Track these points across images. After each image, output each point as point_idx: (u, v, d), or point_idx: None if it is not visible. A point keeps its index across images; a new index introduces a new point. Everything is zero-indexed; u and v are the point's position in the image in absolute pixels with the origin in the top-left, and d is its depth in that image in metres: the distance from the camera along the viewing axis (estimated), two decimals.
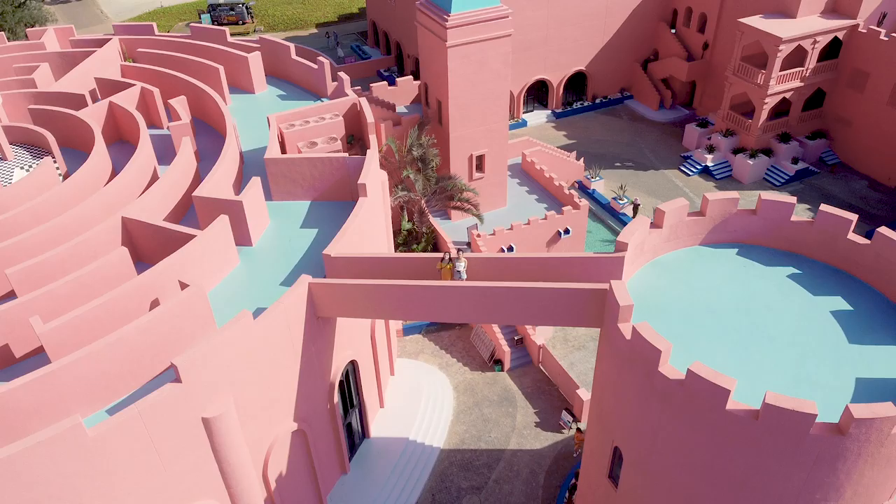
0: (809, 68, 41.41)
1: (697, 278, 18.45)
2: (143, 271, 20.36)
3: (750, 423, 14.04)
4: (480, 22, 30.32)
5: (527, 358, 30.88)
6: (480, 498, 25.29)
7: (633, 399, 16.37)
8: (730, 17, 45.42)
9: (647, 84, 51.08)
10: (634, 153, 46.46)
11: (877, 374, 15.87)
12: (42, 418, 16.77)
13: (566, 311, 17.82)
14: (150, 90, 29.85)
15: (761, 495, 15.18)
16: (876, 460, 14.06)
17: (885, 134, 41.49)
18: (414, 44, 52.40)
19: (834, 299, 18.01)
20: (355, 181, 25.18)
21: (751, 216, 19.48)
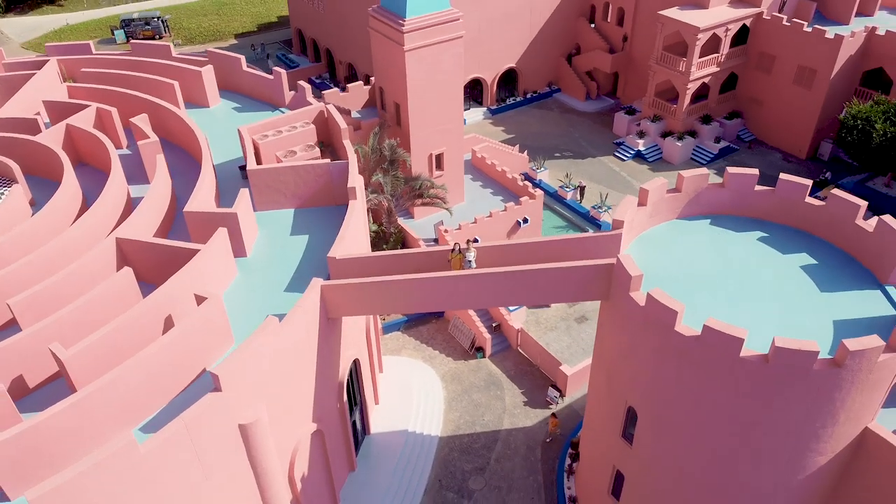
0: (724, 54, 45.05)
1: (681, 248, 20.37)
2: (143, 290, 20.50)
3: (761, 366, 15.98)
4: (434, 25, 31.52)
5: (505, 343, 32.38)
6: (485, 477, 26.56)
7: (649, 360, 18.08)
8: (646, 11, 48.60)
9: (573, 77, 53.77)
10: (570, 143, 48.92)
11: (848, 316, 18.22)
12: (82, 442, 16.73)
13: (575, 288, 19.34)
14: (107, 110, 29.25)
15: (769, 432, 17.22)
16: (865, 387, 16.32)
17: (792, 110, 45.66)
18: (347, 50, 53.08)
19: (800, 256, 20.37)
20: (338, 186, 25.88)
21: (720, 189, 21.65)
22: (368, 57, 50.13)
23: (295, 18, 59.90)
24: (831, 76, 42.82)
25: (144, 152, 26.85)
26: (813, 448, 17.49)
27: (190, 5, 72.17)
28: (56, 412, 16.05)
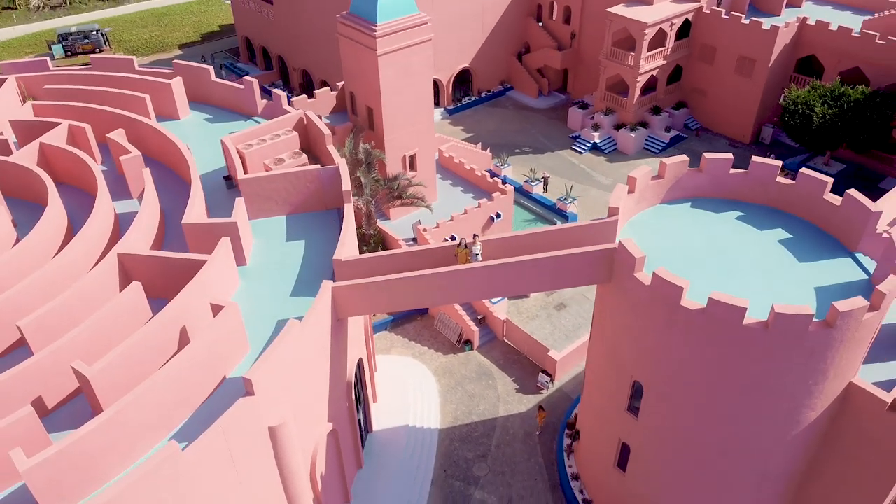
0: (669, 48, 47.33)
1: (668, 231, 21.78)
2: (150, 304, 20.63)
3: (762, 332, 17.47)
4: (405, 29, 32.26)
5: (491, 335, 33.41)
6: (488, 464, 27.52)
7: (655, 336, 19.38)
8: (592, 9, 50.55)
9: (524, 75, 55.33)
10: (528, 139, 50.41)
11: (826, 282, 19.96)
12: (117, 456, 16.83)
13: (578, 273, 20.49)
14: (80, 127, 28.82)
15: (768, 392, 18.77)
16: (851, 344, 18.03)
17: (735, 98, 48.36)
18: (301, 56, 53.13)
19: (776, 231, 22.09)
20: (328, 191, 26.34)
21: (698, 174, 23.24)
22: (324, 63, 50.58)
23: (241, 27, 59.45)
24: (769, 65, 45.62)
25: (128, 167, 26.67)
26: (806, 404, 19.15)
27: (128, 17, 70.52)
28: (92, 429, 16.12)
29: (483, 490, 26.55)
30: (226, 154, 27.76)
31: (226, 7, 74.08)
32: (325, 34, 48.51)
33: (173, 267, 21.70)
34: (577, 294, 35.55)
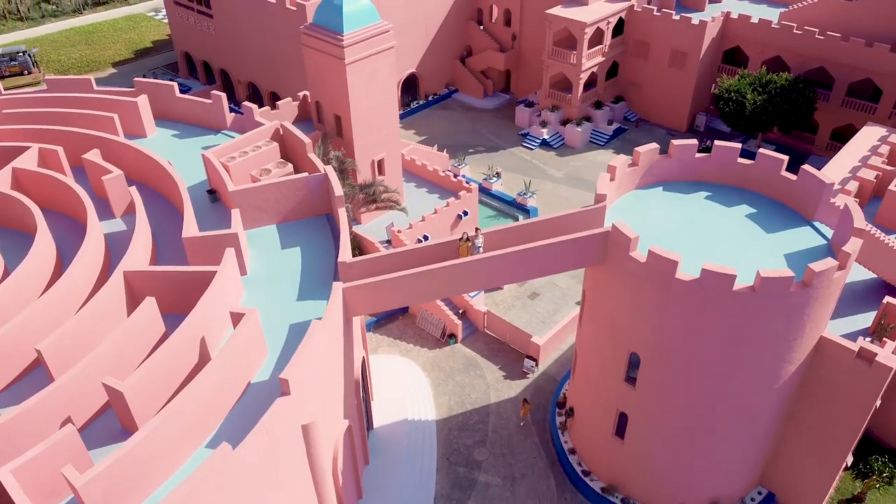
0: (607, 45, 49.92)
1: (647, 213, 23.65)
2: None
3: (749, 295, 19.47)
4: (370, 38, 33.23)
5: (472, 327, 34.73)
6: (487, 448, 28.82)
7: (652, 308, 21.17)
8: (531, 11, 52.72)
9: (469, 77, 57.00)
10: (479, 139, 52.06)
11: (792, 249, 22.27)
12: (160, 465, 17.24)
13: (575, 257, 22.07)
14: (52, 150, 28.44)
15: (755, 350, 20.85)
16: (824, 301, 20.30)
17: (669, 90, 51.46)
18: (246, 70, 53.03)
19: (742, 207, 24.34)
20: (316, 198, 27.07)
21: (668, 160, 25.24)
22: (272, 75, 50.74)
23: (180, 42, 58.69)
24: (700, 57, 48.85)
25: (110, 187, 26.59)
26: (787, 358, 21.35)
27: (53, 37, 68.18)
28: (138, 441, 16.48)
29: (486, 473, 27.84)
30: (208, 168, 27.99)
31: (155, 23, 72.71)
32: (273, 47, 48.78)
33: (181, 281, 22.01)
34: (547, 283, 37.31)
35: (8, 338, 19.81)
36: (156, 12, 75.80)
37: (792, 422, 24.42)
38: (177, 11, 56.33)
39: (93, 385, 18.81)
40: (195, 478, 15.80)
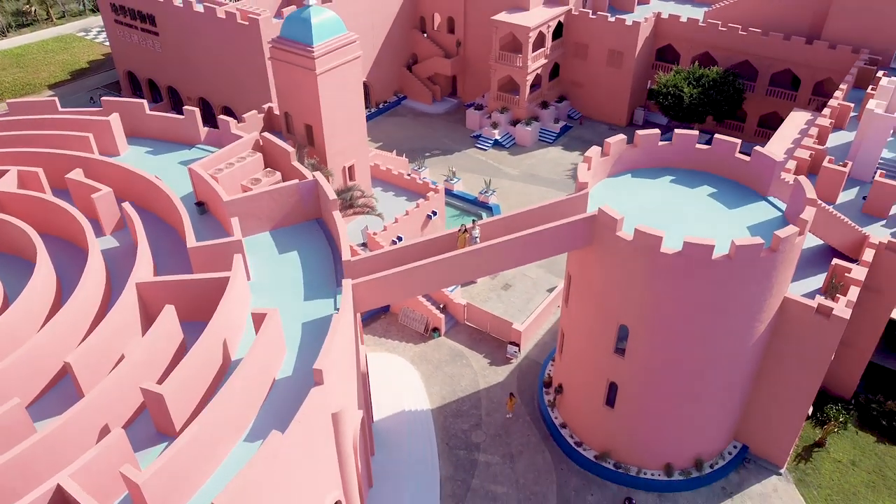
0: (548, 47, 52.57)
1: (621, 198, 25.84)
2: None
3: (726, 263, 21.84)
4: (339, 48, 34.39)
5: (452, 321, 36.30)
6: (483, 430, 30.43)
7: (639, 281, 23.29)
8: (474, 18, 54.92)
9: (417, 84, 58.67)
10: (434, 143, 53.77)
11: (753, 221, 24.89)
12: (206, 460, 18.10)
13: (567, 240, 23.98)
14: (31, 172, 28.43)
15: (731, 313, 23.28)
16: (788, 263, 22.92)
17: (608, 88, 54.57)
18: (197, 86, 53.04)
19: (704, 188, 26.89)
20: (306, 203, 28.14)
21: (634, 149, 27.59)
22: (225, 89, 50.96)
23: (122, 61, 57.97)
24: (635, 56, 52.10)
25: (100, 204, 26.91)
26: (759, 318, 23.91)
27: None
28: (188, 439, 17.29)
29: (485, 453, 29.44)
30: (195, 181, 28.56)
31: (87, 43, 71.20)
32: (226, 62, 49.10)
33: (193, 288, 22.73)
34: (518, 274, 39.29)
35: (30, 354, 20.09)
36: (86, 32, 74.18)
37: (761, 378, 27.08)
38: (118, 30, 55.70)
39: (126, 391, 19.45)
40: (256, 462, 16.77)
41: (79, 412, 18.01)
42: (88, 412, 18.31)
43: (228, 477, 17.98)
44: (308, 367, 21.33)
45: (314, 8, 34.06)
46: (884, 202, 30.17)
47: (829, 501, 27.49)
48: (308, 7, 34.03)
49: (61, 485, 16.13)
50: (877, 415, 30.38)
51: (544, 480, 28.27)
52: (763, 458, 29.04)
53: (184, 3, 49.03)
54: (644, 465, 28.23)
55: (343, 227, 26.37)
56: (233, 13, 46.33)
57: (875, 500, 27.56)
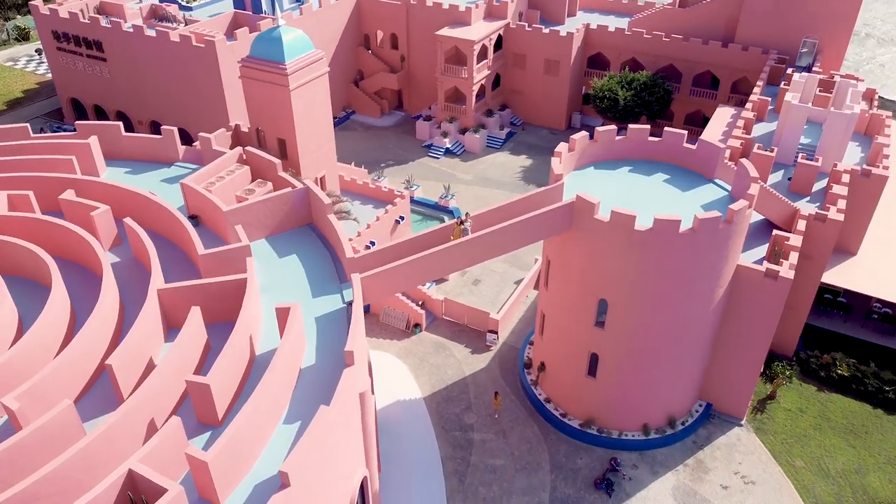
0: (490, 59, 55.84)
1: (590, 187, 28.88)
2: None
3: (690, 235, 25.09)
4: (308, 65, 36.28)
5: (431, 316, 38.51)
6: (475, 412, 32.73)
7: (615, 258, 26.28)
8: (416, 35, 57.68)
9: (364, 99, 60.82)
10: (387, 154, 55.98)
11: (705, 200, 28.39)
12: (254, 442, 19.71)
13: (549, 226, 26.70)
14: (22, 195, 29.00)
15: (696, 280, 26.56)
16: (740, 233, 26.42)
17: (547, 95, 58.31)
18: (148, 109, 53.43)
19: (658, 175, 30.27)
20: (299, 210, 29.91)
21: (595, 143, 30.76)
22: (178, 112, 51.61)
23: (65, 88, 57.55)
24: (570, 64, 56.03)
25: (99, 221, 27.82)
26: (718, 283, 27.32)
27: None
28: (241, 422, 18.87)
29: (479, 432, 31.73)
30: (188, 195, 29.82)
31: (18, 72, 69.80)
32: (180, 84, 49.87)
33: (210, 291, 24.13)
34: (485, 270, 41.92)
35: (66, 362, 21.09)
36: (14, 62, 72.62)
37: (719, 340, 30.55)
38: (61, 58, 55.38)
39: (169, 387, 20.80)
40: (311, 432, 18.54)
41: (132, 408, 19.25)
42: (138, 407, 19.55)
43: (275, 456, 19.68)
44: (328, 356, 23.22)
45: (283, 28, 35.88)
46: (807, 181, 34.43)
47: (784, 444, 31.19)
48: (277, 27, 35.81)
49: (132, 469, 17.43)
50: (816, 368, 34.52)
51: (536, 450, 30.81)
52: (725, 413, 32.56)
53: (134, 29, 49.62)
54: (624, 428, 31.21)
55: (341, 229, 28.38)
56: (187, 36, 47.32)
57: (822, 439, 31.46)
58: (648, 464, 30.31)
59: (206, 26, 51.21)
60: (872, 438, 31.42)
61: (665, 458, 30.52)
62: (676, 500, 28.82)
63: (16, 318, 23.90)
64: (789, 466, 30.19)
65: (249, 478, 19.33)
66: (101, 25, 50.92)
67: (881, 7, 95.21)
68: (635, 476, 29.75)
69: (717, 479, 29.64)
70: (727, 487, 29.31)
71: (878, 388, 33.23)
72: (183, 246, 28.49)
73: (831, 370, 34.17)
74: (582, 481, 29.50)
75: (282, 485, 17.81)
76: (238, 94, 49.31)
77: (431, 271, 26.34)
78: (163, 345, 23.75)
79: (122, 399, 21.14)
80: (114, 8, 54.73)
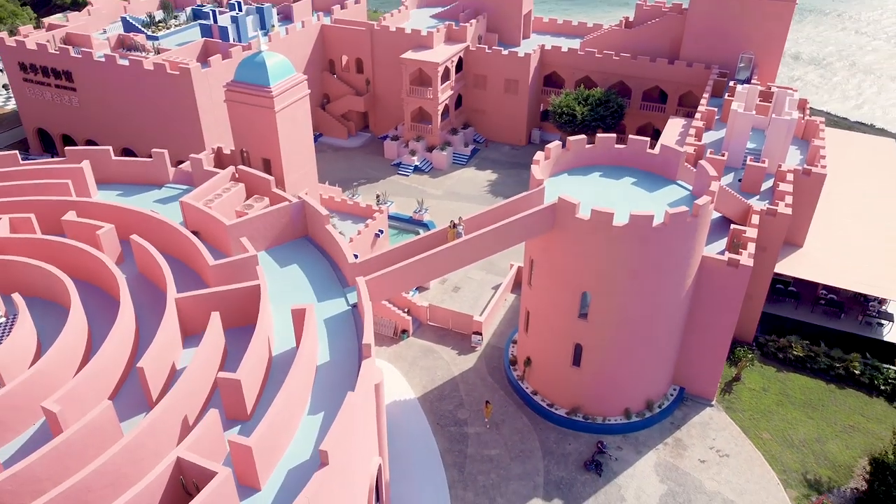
0: (453, 80, 58.59)
1: (566, 191, 31.45)
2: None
3: (662, 229, 27.83)
4: (291, 88, 38.06)
5: (416, 323, 40.36)
6: (467, 408, 34.62)
7: (596, 253, 28.80)
8: (381, 59, 60.10)
9: (331, 121, 62.70)
10: (358, 173, 57.86)
11: (670, 199, 31.29)
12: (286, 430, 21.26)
13: (534, 226, 29.07)
14: (24, 218, 29.88)
15: (669, 271, 29.29)
16: (705, 226, 29.33)
17: (507, 113, 61.35)
18: (120, 136, 54.11)
19: (626, 178, 33.11)
20: (296, 223, 31.62)
21: (568, 151, 33.46)
22: (151, 138, 52.48)
23: (32, 119, 57.68)
24: (529, 83, 59.24)
25: (104, 239, 28.93)
26: (689, 274, 30.14)
27: None
28: (277, 411, 20.42)
29: (472, 426, 33.63)
30: (187, 212, 31.18)
31: None
32: (154, 110, 50.87)
33: (224, 298, 25.55)
34: (464, 278, 44.08)
35: (100, 366, 22.25)
36: None
37: (689, 328, 33.36)
38: (27, 89, 55.64)
39: (198, 386, 22.18)
40: (342, 415, 20.20)
41: (169, 405, 20.54)
42: (175, 404, 20.87)
43: (302, 444, 21.25)
44: (338, 353, 24.93)
45: (266, 53, 37.66)
46: (756, 181, 37.87)
47: (752, 420, 34.08)
48: (261, 52, 37.58)
49: (180, 456, 18.77)
50: (774, 351, 37.74)
51: (528, 439, 32.87)
52: (697, 395, 35.33)
53: (106, 58, 50.50)
54: (608, 414, 33.60)
55: (340, 237, 30.17)
56: (162, 64, 48.54)
57: (784, 414, 34.48)
58: (632, 444, 32.73)
59: (178, 54, 52.45)
60: (828, 410, 34.63)
61: (646, 439, 33.00)
62: (659, 475, 31.26)
63: (35, 335, 24.88)
64: (758, 439, 33.05)
65: (282, 463, 20.82)
66: (71, 56, 51.62)
67: (809, 29, 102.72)
68: (621, 456, 32.10)
69: (695, 455, 32.24)
70: (704, 461, 31.93)
71: (830, 366, 36.62)
72: (185, 259, 29.77)
73: (788, 352, 37.43)
74: (573, 464, 31.67)
75: (321, 463, 19.39)
76: (212, 118, 50.73)
77: (430, 271, 28.34)
78: (181, 350, 25.02)
79: (151, 399, 22.47)
80: (80, 39, 55.47)
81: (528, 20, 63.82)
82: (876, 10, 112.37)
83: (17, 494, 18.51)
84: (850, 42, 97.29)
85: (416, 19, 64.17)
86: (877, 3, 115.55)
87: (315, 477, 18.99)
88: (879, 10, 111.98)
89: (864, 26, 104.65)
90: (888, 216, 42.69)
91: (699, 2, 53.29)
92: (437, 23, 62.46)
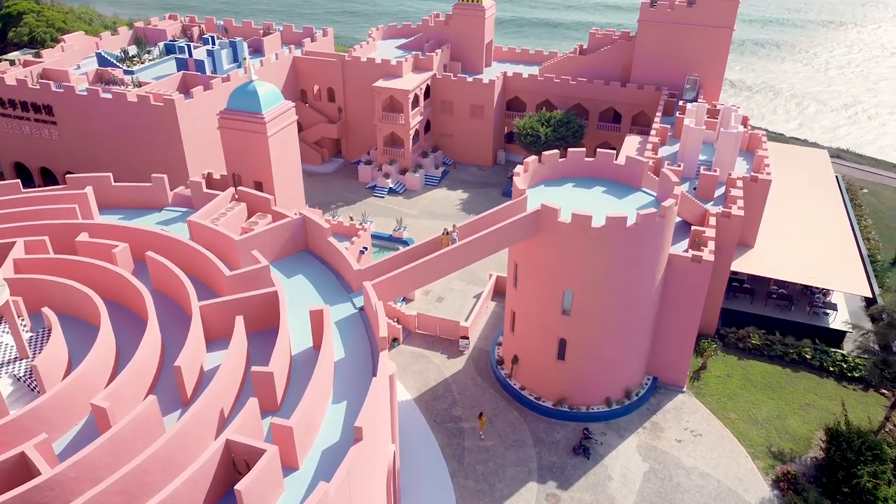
0: (422, 106, 61.85)
1: (545, 199, 34.68)
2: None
3: (634, 229, 31.18)
4: (281, 114, 40.61)
5: (405, 331, 42.76)
6: (460, 406, 37.09)
7: (577, 253, 31.95)
8: (352, 88, 63.06)
9: (305, 148, 65.03)
10: (335, 197, 60.27)
11: (639, 204, 34.80)
12: (313, 421, 23.47)
13: (519, 231, 32.07)
14: (38, 241, 31.44)
15: (642, 266, 32.62)
16: (670, 226, 32.85)
17: (474, 136, 64.85)
18: (100, 167, 55.32)
19: (597, 188, 36.60)
20: (297, 237, 33.93)
21: (543, 165, 36.78)
22: (134, 169, 53.96)
23: (9, 153, 58.40)
24: (493, 107, 62.95)
25: (120, 257, 30.73)
26: (659, 269, 33.54)
27: None
28: (308, 402, 22.63)
29: (468, 422, 36.09)
30: (194, 230, 33.13)
31: None
32: (137, 141, 52.47)
33: (243, 305, 27.65)
34: (446, 288, 46.77)
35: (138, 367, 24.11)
36: None
37: (659, 321, 36.72)
38: (4, 124, 56.54)
39: (231, 382, 24.22)
40: (370, 398, 22.58)
41: (209, 400, 22.53)
42: (214, 399, 22.89)
43: (332, 428, 23.47)
44: (352, 351, 27.24)
45: (257, 82, 40.19)
46: (709, 188, 41.83)
47: (719, 403, 37.48)
48: (252, 82, 40.08)
49: (229, 439, 20.84)
50: (734, 341, 41.48)
51: (519, 430, 35.50)
52: (669, 383, 38.60)
53: (88, 92, 52.05)
54: (591, 403, 36.53)
55: (343, 247, 32.59)
56: (145, 96, 50.38)
57: (748, 396, 38.02)
58: (614, 430, 35.67)
59: (158, 87, 54.30)
60: (786, 391, 38.33)
61: (627, 424, 36.01)
62: (641, 455, 34.23)
63: (66, 346, 26.51)
64: (726, 419, 36.41)
65: (316, 445, 22.98)
66: (52, 90, 52.96)
67: (749, 59, 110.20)
68: (605, 441, 34.99)
69: (672, 436, 35.37)
70: (680, 441, 35.07)
71: (785, 352, 40.48)
72: (196, 274, 31.64)
73: (747, 342, 41.19)
74: (562, 450, 34.40)
75: (355, 439, 21.68)
76: (195, 147, 52.61)
77: (428, 275, 30.99)
78: (205, 353, 26.97)
79: (186, 396, 24.39)
80: (58, 74, 56.76)
81: (489, 49, 67.81)
82: (815, 44, 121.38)
83: (79, 481, 20.26)
84: (785, 69, 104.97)
85: (384, 50, 67.51)
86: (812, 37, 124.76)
87: (352, 450, 21.27)
88: (817, 44, 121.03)
89: (801, 56, 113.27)
90: (826, 217, 47.36)
91: (645, 29, 58.04)
92: (404, 53, 65.89)
